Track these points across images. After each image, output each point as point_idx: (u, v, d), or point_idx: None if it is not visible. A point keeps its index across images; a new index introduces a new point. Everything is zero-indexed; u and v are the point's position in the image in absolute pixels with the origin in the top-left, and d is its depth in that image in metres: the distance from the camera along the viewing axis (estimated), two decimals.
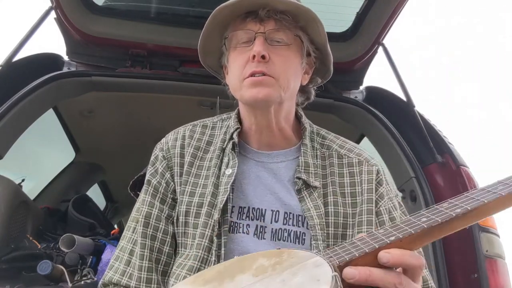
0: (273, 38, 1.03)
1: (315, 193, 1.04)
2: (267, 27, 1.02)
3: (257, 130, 1.10)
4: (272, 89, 1.01)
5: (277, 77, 1.01)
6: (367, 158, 1.10)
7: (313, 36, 1.09)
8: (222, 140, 1.12)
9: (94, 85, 2.33)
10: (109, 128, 2.93)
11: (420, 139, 2.09)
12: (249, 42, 1.03)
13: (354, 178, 1.06)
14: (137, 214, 1.09)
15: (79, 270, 1.90)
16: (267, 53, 1.00)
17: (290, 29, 1.04)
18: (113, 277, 1.04)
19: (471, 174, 1.90)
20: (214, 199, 1.04)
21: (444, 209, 0.74)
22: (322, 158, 1.10)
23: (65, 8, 2.14)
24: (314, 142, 1.13)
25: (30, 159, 2.92)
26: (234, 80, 1.05)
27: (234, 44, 1.05)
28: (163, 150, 1.13)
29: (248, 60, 1.01)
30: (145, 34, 2.30)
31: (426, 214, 0.74)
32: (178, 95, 2.40)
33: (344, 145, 1.13)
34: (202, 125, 1.17)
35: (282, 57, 1.03)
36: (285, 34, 1.04)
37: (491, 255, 1.72)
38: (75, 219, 2.38)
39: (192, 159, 1.10)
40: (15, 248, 1.90)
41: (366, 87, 2.50)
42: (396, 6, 2.05)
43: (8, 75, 2.04)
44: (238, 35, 1.04)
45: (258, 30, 1.02)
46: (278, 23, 1.02)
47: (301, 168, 1.06)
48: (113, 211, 4.09)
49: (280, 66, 1.02)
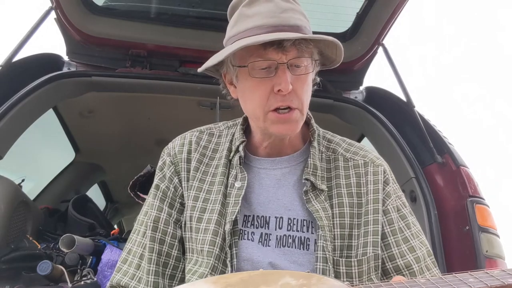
0: (294, 65, 0.99)
1: (322, 196, 1.04)
2: (289, 56, 0.98)
3: (268, 146, 1.10)
4: (298, 123, 1.02)
5: (301, 108, 1.00)
6: (372, 159, 1.10)
7: (328, 54, 1.07)
8: (228, 148, 1.11)
9: (94, 85, 2.33)
10: (109, 128, 2.93)
11: (420, 139, 2.09)
12: (269, 70, 0.98)
13: (360, 179, 1.06)
14: (146, 218, 1.09)
15: (79, 270, 1.90)
16: (291, 86, 0.97)
17: (310, 55, 1.01)
18: (121, 280, 1.05)
19: (471, 175, 1.90)
20: (224, 209, 1.04)
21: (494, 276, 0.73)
22: (327, 161, 1.10)
23: (65, 8, 2.14)
24: (320, 145, 1.12)
25: (30, 159, 2.91)
26: (255, 110, 1.03)
27: (252, 73, 0.99)
28: (171, 156, 1.13)
29: (271, 91, 0.98)
30: (145, 34, 2.31)
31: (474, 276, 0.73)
32: (178, 95, 2.40)
33: (350, 148, 1.13)
34: (209, 133, 1.17)
35: (303, 85, 1.01)
36: (306, 61, 1.01)
37: (491, 256, 1.71)
38: (75, 219, 2.38)
39: (198, 164, 1.11)
40: (15, 248, 1.90)
41: (366, 88, 2.51)
42: (396, 6, 2.05)
43: (8, 75, 2.04)
44: (258, 63, 0.99)
45: (279, 60, 0.97)
46: (300, 51, 0.98)
47: (310, 170, 1.05)
48: (113, 211, 4.09)
49: (302, 96, 1.00)
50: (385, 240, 1.02)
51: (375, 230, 1.01)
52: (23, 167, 2.78)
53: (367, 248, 0.99)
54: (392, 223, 1.03)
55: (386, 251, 1.02)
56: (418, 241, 1.04)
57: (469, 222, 1.76)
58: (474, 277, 0.72)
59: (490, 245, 1.73)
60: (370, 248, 0.99)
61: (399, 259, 1.01)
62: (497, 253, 1.74)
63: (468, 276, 0.73)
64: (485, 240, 1.73)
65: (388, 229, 1.03)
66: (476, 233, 1.74)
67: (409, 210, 1.08)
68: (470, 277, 0.72)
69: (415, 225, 1.07)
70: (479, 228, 1.74)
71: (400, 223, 1.05)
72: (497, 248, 1.75)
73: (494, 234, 1.77)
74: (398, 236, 1.03)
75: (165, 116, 2.71)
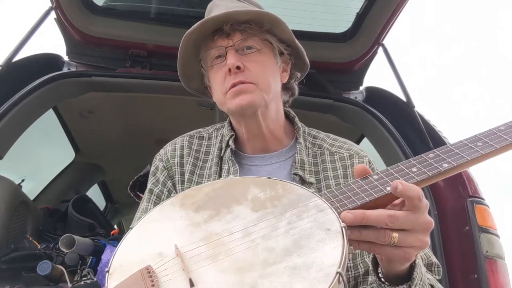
0: (243, 48, 1.08)
1: (311, 189, 1.06)
2: (234, 39, 1.08)
3: (249, 138, 1.15)
4: (254, 94, 1.07)
5: (256, 82, 1.07)
6: (357, 151, 1.16)
7: (280, 35, 1.14)
8: (218, 148, 1.17)
9: (94, 85, 2.33)
10: (109, 128, 2.93)
11: (420, 140, 2.09)
12: (222, 58, 1.09)
13: (346, 171, 1.12)
14: None
15: (79, 270, 1.90)
16: (241, 63, 1.05)
17: (257, 35, 1.10)
18: None
19: (471, 175, 1.90)
20: None
21: (432, 162, 0.81)
22: (314, 156, 1.16)
23: (65, 8, 2.14)
24: (306, 141, 1.18)
25: (30, 159, 2.91)
26: (218, 95, 1.12)
27: (210, 63, 1.11)
28: (163, 161, 1.17)
29: (226, 74, 1.07)
30: (145, 34, 2.31)
31: (417, 166, 0.81)
32: (178, 96, 2.40)
33: (334, 143, 1.19)
34: (199, 136, 1.22)
35: (256, 62, 1.08)
36: (253, 41, 1.09)
37: (491, 256, 1.71)
38: (75, 220, 2.38)
39: (192, 168, 1.15)
40: (15, 249, 1.90)
41: (366, 88, 2.50)
42: (396, 7, 2.05)
43: (8, 75, 2.04)
44: (211, 53, 1.10)
45: (227, 45, 1.08)
46: (244, 33, 1.08)
47: (298, 165, 1.11)
48: (113, 212, 4.09)
49: (256, 71, 1.07)
50: None
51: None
52: (23, 167, 2.78)
53: None
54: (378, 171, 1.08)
55: None
56: None
57: (469, 222, 1.76)
58: (417, 167, 0.81)
59: (490, 245, 1.73)
60: None
61: None
62: (497, 253, 1.74)
63: (412, 166, 0.82)
64: (485, 240, 1.73)
65: None
66: (476, 233, 1.73)
67: None
68: (413, 167, 0.81)
69: None
70: (479, 228, 1.74)
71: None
72: (497, 248, 1.75)
73: (494, 234, 1.77)
74: None
75: (165, 116, 2.71)
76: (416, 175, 0.79)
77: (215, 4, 1.16)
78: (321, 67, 2.27)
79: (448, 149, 0.84)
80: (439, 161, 0.81)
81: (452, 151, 0.83)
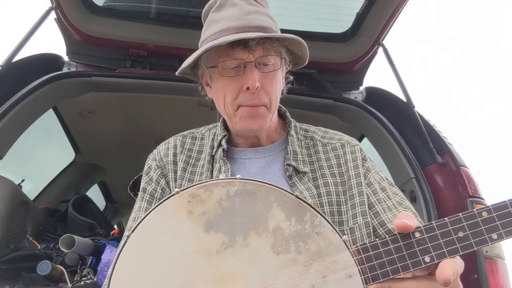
0: (261, 63, 1.06)
1: (305, 178, 1.10)
2: (255, 55, 1.04)
3: (243, 136, 1.17)
4: (264, 119, 1.08)
5: (268, 103, 1.07)
6: (348, 141, 1.18)
7: (293, 51, 1.13)
8: (211, 146, 1.18)
9: (94, 85, 2.33)
10: (109, 129, 2.93)
11: (420, 140, 2.09)
12: (238, 69, 1.05)
13: (339, 160, 1.14)
14: (134, 223, 1.09)
15: (79, 270, 1.90)
16: (259, 84, 1.03)
17: (276, 52, 1.07)
18: None
19: (471, 175, 1.90)
20: None
21: (483, 228, 0.73)
22: (307, 147, 1.17)
23: (65, 8, 2.14)
24: (298, 134, 1.19)
25: (30, 159, 2.91)
26: (225, 106, 1.10)
27: (222, 71, 1.06)
28: (156, 160, 1.18)
29: (241, 89, 1.05)
30: (145, 34, 2.31)
31: (466, 230, 0.73)
32: (178, 96, 2.40)
33: (326, 135, 1.21)
34: (192, 136, 1.23)
35: (270, 81, 1.07)
36: (273, 59, 1.07)
37: (491, 256, 1.71)
38: (75, 220, 2.38)
39: (185, 165, 1.16)
40: (15, 249, 1.90)
41: (366, 88, 2.51)
42: (396, 7, 2.05)
43: (8, 75, 2.04)
44: (227, 63, 1.06)
45: (247, 59, 1.04)
46: (266, 50, 1.05)
47: (290, 156, 1.12)
48: (113, 212, 4.09)
49: (270, 92, 1.07)
50: (373, 209, 1.08)
51: (361, 201, 1.07)
52: (23, 167, 2.78)
53: (357, 219, 1.06)
54: (377, 193, 1.09)
55: (375, 218, 1.07)
56: (402, 208, 1.10)
57: None
58: None
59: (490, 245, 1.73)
60: (360, 218, 1.06)
61: (389, 224, 1.06)
62: (497, 253, 1.74)
63: None
64: None
65: (374, 198, 1.09)
66: None
67: (387, 183, 1.15)
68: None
69: (397, 194, 1.14)
70: None
71: (385, 192, 1.11)
72: (497, 248, 1.75)
73: None
74: (384, 203, 1.09)
75: (165, 116, 2.71)
76: (460, 246, 0.71)
77: (229, 3, 1.09)
78: (321, 67, 2.27)
79: (504, 205, 0.73)
80: (491, 229, 0.72)
81: (507, 207, 0.73)
